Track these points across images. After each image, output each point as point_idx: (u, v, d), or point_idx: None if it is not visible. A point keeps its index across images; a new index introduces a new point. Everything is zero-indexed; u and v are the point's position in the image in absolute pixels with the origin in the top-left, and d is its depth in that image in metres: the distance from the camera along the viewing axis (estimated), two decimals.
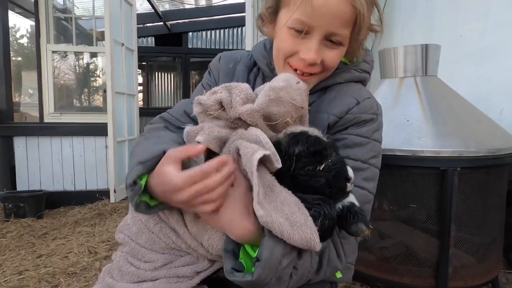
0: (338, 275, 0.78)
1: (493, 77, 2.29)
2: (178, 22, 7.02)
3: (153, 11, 6.15)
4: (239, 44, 7.51)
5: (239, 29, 7.39)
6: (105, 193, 3.79)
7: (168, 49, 7.10)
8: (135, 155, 0.70)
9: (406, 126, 1.46)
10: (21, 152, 3.69)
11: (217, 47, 7.41)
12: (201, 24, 7.12)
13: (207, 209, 0.58)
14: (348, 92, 0.80)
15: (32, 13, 3.82)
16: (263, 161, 0.62)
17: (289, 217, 0.57)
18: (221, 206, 0.60)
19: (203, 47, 7.34)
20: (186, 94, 7.26)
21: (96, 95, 5.27)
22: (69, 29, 4.31)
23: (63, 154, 3.80)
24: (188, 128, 0.74)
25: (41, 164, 3.76)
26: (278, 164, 0.61)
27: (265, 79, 0.86)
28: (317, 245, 0.57)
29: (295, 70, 0.77)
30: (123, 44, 3.50)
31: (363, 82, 0.87)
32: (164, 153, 0.62)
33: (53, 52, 3.78)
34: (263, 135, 0.64)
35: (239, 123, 0.69)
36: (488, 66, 2.32)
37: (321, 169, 0.63)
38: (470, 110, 1.63)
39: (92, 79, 5.21)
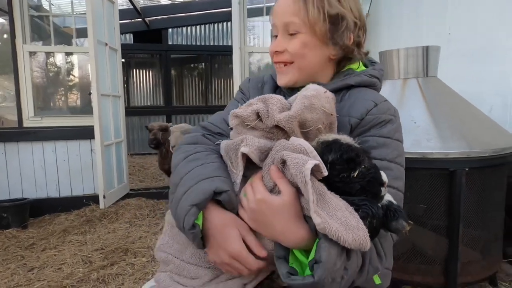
0: (377, 280, 0.78)
1: (482, 76, 2.38)
2: (157, 18, 6.83)
3: (131, 7, 5.95)
4: (221, 40, 7.41)
5: (220, 24, 7.30)
6: (92, 199, 3.66)
7: (148, 46, 6.92)
8: (185, 183, 0.73)
9: (414, 128, 1.48)
10: (0, 160, 3.50)
11: (198, 43, 7.29)
12: (181, 19, 6.97)
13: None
14: (366, 96, 0.85)
15: (5, 11, 3.59)
16: (312, 170, 0.62)
17: (343, 221, 0.59)
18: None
19: (183, 43, 7.19)
20: (167, 91, 7.12)
21: (79, 97, 5.07)
22: (42, 27, 4.10)
23: (46, 159, 3.63)
24: (224, 142, 0.78)
25: (22, 171, 3.58)
26: (325, 172, 0.61)
27: (285, 96, 0.88)
28: (368, 245, 0.59)
29: (275, 64, 0.90)
30: (106, 44, 3.36)
31: (375, 87, 0.91)
32: (214, 192, 0.68)
33: (30, 52, 3.58)
34: (307, 144, 0.65)
35: (276, 131, 0.71)
36: (477, 66, 2.41)
37: (355, 175, 0.64)
38: (470, 110, 1.69)
39: (74, 80, 5.01)
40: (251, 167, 0.72)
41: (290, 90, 0.91)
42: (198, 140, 0.87)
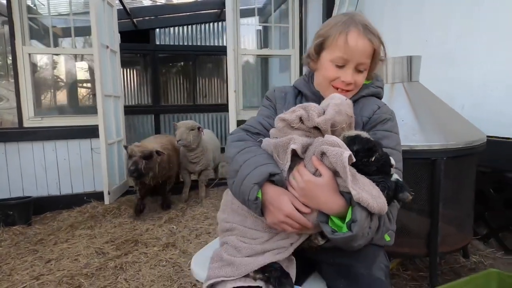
0: (387, 238, 1.05)
1: (455, 77, 2.72)
2: (144, 19, 6.92)
3: (119, 8, 6.02)
4: (210, 40, 7.58)
5: (208, 25, 7.46)
6: (93, 195, 3.80)
7: (136, 46, 7.00)
8: (245, 169, 0.96)
9: (402, 125, 1.76)
10: (0, 159, 3.57)
11: (186, 43, 7.43)
12: (169, 20, 7.09)
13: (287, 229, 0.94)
14: (371, 102, 1.14)
15: (3, 15, 3.65)
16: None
17: (369, 193, 0.83)
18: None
19: (171, 43, 7.31)
20: (155, 91, 7.22)
21: (79, 98, 5.14)
22: (33, 28, 4.16)
23: (46, 158, 3.73)
24: (268, 140, 1.04)
25: (23, 170, 3.67)
26: (353, 159, 0.86)
27: (308, 101, 1.17)
28: (386, 210, 0.84)
29: (337, 88, 1.11)
30: (108, 47, 3.50)
31: (378, 95, 1.20)
32: (269, 174, 0.93)
33: (30, 54, 3.66)
34: (339, 140, 0.90)
35: (313, 131, 0.97)
36: (450, 69, 2.75)
37: (372, 160, 0.89)
38: (446, 108, 2.00)
39: (74, 81, 5.07)
40: (292, 158, 0.96)
41: (312, 94, 1.18)
42: (245, 138, 1.10)
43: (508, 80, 2.35)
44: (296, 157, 0.96)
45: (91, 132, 3.71)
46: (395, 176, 0.95)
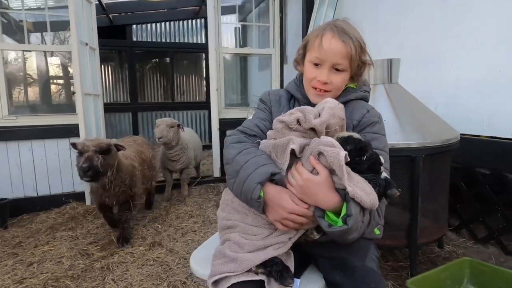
0: (377, 231, 1.13)
1: (429, 79, 2.88)
2: (120, 14, 6.77)
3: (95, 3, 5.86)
4: (188, 37, 7.51)
5: (186, 22, 7.39)
6: (72, 196, 3.71)
7: (112, 42, 6.83)
8: (247, 169, 1.02)
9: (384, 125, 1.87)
10: None
11: (164, 40, 7.33)
12: (146, 16, 6.97)
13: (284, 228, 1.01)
14: (360, 105, 1.21)
15: None
16: None
17: (363, 189, 0.91)
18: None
19: (148, 39, 7.19)
20: (133, 88, 7.09)
21: (56, 96, 4.96)
22: (3, 23, 3.99)
23: (22, 159, 3.60)
24: (264, 141, 1.10)
25: None
26: (348, 158, 0.93)
27: (300, 104, 1.24)
28: (377, 205, 0.92)
29: (315, 88, 1.17)
30: (87, 44, 3.43)
31: (366, 99, 1.27)
32: (272, 174, 0.99)
33: (1, 50, 3.51)
34: (335, 141, 0.97)
35: (309, 132, 1.03)
36: (424, 71, 2.90)
37: (364, 159, 0.97)
38: (423, 108, 2.13)
39: (51, 79, 4.88)
40: (289, 158, 1.02)
41: (303, 97, 1.23)
42: (243, 140, 1.15)
43: (477, 82, 2.52)
44: (293, 157, 1.02)
45: (69, 131, 3.62)
46: (384, 174, 1.03)
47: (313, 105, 1.14)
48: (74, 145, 2.43)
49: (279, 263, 1.00)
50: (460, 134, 2.18)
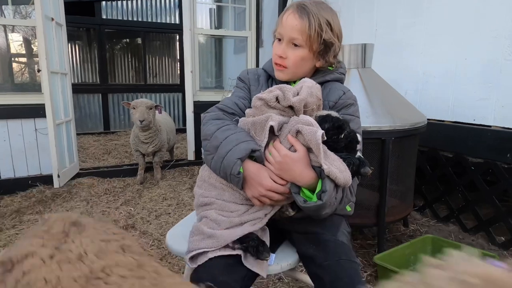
0: (348, 208, 1.19)
1: (399, 66, 2.97)
2: None
3: None
4: (160, 16, 7.26)
5: (158, 0, 7.13)
6: (39, 179, 3.57)
7: (80, 19, 6.49)
8: (226, 145, 1.02)
9: None
10: None
11: (135, 19, 7.05)
12: None
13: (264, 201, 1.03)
14: (337, 87, 1.23)
15: None
16: None
17: (338, 167, 0.95)
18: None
19: (119, 18, 6.89)
20: (102, 68, 6.82)
21: (20, 74, 4.66)
22: None
23: None
24: (243, 119, 1.11)
25: None
26: (324, 137, 0.97)
27: (277, 83, 1.23)
28: (350, 183, 0.97)
29: (275, 64, 1.18)
30: (53, 19, 3.24)
31: (341, 80, 1.30)
32: (252, 150, 1.00)
33: None
34: (313, 120, 0.99)
35: (288, 110, 1.06)
36: (395, 57, 2.99)
37: (342, 137, 1.01)
38: (393, 93, 2.20)
39: (15, 56, 4.57)
40: (268, 135, 1.04)
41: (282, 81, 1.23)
42: (222, 117, 1.15)
43: (444, 70, 2.63)
44: (271, 134, 1.04)
45: (34, 111, 3.44)
46: (358, 153, 1.07)
47: (287, 84, 1.15)
48: None
49: (255, 238, 1.03)
50: (427, 119, 2.29)
